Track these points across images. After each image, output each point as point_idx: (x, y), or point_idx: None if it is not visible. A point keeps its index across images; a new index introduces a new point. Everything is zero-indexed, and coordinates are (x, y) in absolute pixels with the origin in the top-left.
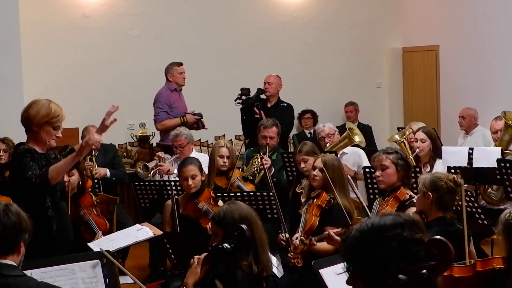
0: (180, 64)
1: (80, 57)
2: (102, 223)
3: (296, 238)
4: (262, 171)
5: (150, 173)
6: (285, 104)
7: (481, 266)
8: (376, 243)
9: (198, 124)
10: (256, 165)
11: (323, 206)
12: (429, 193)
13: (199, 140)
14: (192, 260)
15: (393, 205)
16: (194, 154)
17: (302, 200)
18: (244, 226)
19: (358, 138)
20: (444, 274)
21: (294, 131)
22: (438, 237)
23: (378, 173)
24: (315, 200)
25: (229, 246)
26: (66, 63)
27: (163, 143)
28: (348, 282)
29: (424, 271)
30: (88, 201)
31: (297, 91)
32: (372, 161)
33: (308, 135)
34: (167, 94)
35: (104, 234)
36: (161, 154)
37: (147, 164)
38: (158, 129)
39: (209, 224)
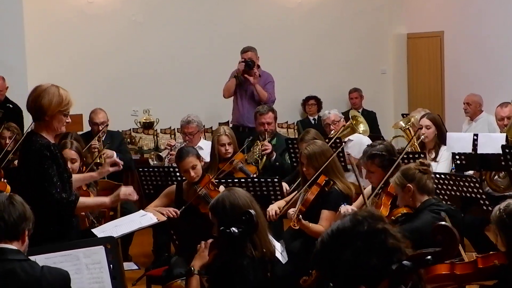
0: (246, 50)
1: (84, 43)
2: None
3: (293, 212)
4: (264, 157)
5: (164, 163)
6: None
7: (482, 263)
8: (341, 249)
9: (248, 65)
10: (257, 152)
11: (322, 184)
12: (408, 185)
13: (203, 126)
14: (199, 244)
15: (386, 203)
16: (202, 142)
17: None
18: (252, 211)
19: (362, 127)
20: (446, 272)
21: (298, 117)
22: (443, 223)
23: (367, 176)
24: (315, 183)
25: (236, 231)
26: (70, 49)
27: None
28: None
29: (429, 257)
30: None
31: (302, 77)
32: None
33: (312, 122)
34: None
35: (107, 220)
36: (172, 142)
37: (160, 154)
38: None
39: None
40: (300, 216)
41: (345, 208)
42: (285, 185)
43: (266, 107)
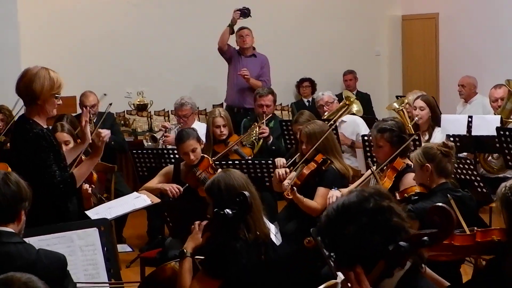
0: (242, 28)
1: (77, 25)
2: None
3: (288, 183)
4: (261, 140)
5: (159, 144)
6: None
7: (480, 236)
8: (345, 223)
9: (244, 14)
10: (254, 134)
11: (319, 162)
12: (427, 164)
13: (197, 108)
14: (193, 226)
15: (390, 176)
16: (196, 124)
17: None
18: (246, 193)
19: (356, 107)
20: (444, 242)
21: (292, 99)
22: (440, 204)
23: (375, 151)
24: (312, 160)
25: (230, 213)
26: (63, 31)
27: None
28: (334, 270)
29: (426, 238)
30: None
31: (296, 59)
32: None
33: (307, 103)
34: (231, 49)
35: (100, 202)
36: (167, 124)
37: (155, 135)
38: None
39: None
40: (295, 187)
41: (332, 193)
42: (282, 160)
43: (266, 89)
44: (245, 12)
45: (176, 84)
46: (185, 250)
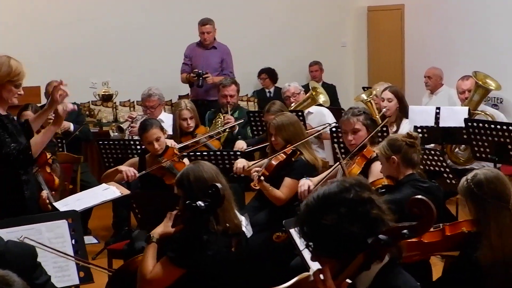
0: (204, 23)
1: (42, 14)
2: (52, 180)
3: (256, 173)
4: (227, 130)
5: (125, 134)
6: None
7: (450, 230)
8: (324, 212)
9: (198, 82)
10: (219, 125)
11: (288, 153)
12: (393, 156)
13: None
14: (168, 213)
15: (360, 163)
16: (163, 115)
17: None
18: (218, 185)
19: (322, 97)
20: (413, 240)
21: (253, 87)
22: (419, 196)
23: (350, 137)
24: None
25: (203, 205)
26: (27, 19)
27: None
28: (312, 259)
29: (405, 231)
30: (43, 158)
31: (261, 49)
32: (340, 123)
33: (268, 94)
34: (191, 47)
35: (63, 193)
36: (133, 114)
37: (121, 125)
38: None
39: None
40: (262, 177)
41: (303, 181)
42: (242, 143)
43: (229, 79)
44: (200, 79)
45: (141, 75)
46: (152, 235)
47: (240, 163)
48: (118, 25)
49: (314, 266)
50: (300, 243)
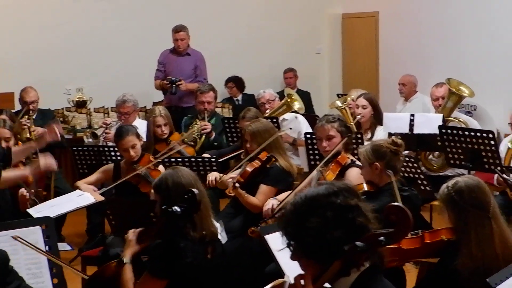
0: (178, 30)
1: (16, 20)
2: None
3: (231, 180)
4: (203, 137)
5: (100, 140)
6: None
7: (429, 238)
8: (310, 214)
9: (171, 89)
10: (196, 131)
11: (263, 159)
12: (376, 163)
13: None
14: (126, 235)
15: (334, 169)
16: (137, 121)
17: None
18: (195, 190)
19: (297, 104)
20: (391, 247)
21: (224, 95)
22: (396, 203)
23: (325, 143)
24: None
25: (179, 210)
26: (1, 26)
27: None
28: (292, 258)
29: (382, 238)
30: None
31: (235, 56)
32: (315, 130)
33: (236, 102)
34: (164, 53)
35: (39, 200)
36: (107, 120)
37: (95, 131)
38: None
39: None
40: (237, 184)
41: (268, 201)
42: (215, 174)
43: (207, 86)
44: (173, 86)
45: (115, 81)
46: (123, 259)
47: (212, 175)
48: (92, 31)
49: (289, 272)
50: (276, 246)
